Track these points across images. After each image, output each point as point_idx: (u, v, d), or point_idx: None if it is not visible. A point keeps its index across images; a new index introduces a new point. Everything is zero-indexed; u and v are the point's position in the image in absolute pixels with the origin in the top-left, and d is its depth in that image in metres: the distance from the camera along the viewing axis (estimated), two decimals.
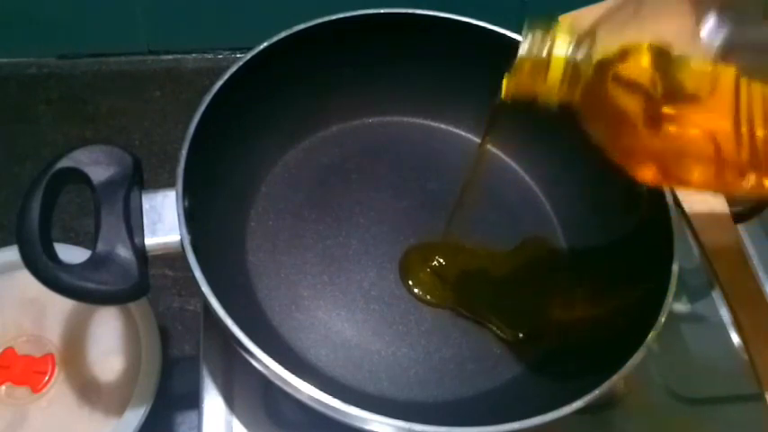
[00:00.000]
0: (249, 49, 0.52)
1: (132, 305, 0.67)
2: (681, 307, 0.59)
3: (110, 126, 0.92)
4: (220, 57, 0.98)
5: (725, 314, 0.59)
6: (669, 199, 0.50)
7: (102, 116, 0.93)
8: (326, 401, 0.39)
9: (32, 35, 0.94)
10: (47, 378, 0.64)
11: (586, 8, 0.59)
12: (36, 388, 0.64)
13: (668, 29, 0.34)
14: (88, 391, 0.65)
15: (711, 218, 0.51)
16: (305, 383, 0.39)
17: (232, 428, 0.50)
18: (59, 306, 0.68)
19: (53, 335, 0.67)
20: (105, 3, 0.90)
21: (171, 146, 0.90)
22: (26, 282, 0.69)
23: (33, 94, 0.94)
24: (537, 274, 0.56)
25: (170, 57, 0.99)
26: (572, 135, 0.54)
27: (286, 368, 0.40)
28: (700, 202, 0.51)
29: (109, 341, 0.67)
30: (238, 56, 0.51)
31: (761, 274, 0.62)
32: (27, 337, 0.67)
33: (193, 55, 0.99)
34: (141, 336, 0.67)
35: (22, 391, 0.64)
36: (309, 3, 0.61)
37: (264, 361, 0.40)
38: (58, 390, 0.64)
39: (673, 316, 0.44)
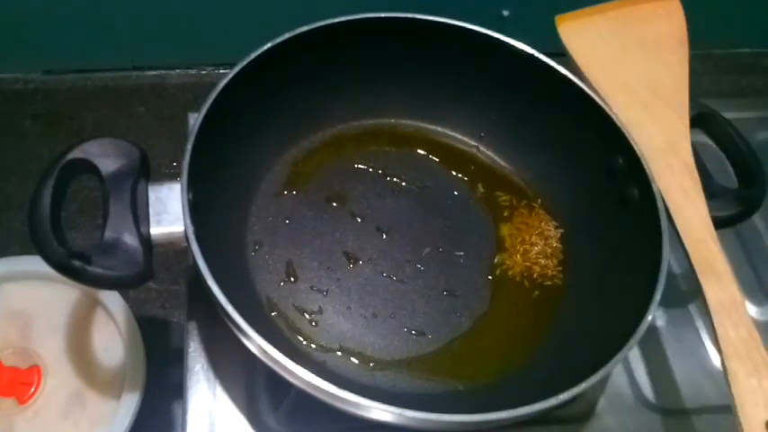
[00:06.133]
0: (232, 64, 0.53)
1: (117, 318, 0.68)
2: (657, 320, 0.60)
3: None
4: (203, 72, 0.98)
5: (701, 326, 0.60)
6: (662, 215, 0.50)
7: (87, 131, 0.94)
8: (326, 388, 0.40)
9: (18, 51, 0.95)
10: (33, 389, 0.65)
11: (583, 9, 0.60)
12: (22, 399, 0.64)
13: None
14: (73, 402, 0.65)
15: (693, 225, 0.50)
16: (306, 371, 0.40)
17: None
18: (45, 318, 0.69)
19: (39, 347, 0.68)
20: (90, 19, 0.91)
21: (155, 161, 0.90)
22: (12, 294, 0.69)
23: (19, 110, 0.95)
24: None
25: (154, 72, 1.00)
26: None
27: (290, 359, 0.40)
28: (682, 215, 0.51)
29: (94, 353, 0.68)
30: (222, 71, 0.52)
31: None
32: (13, 348, 0.67)
33: (177, 71, 0.99)
34: (125, 348, 0.67)
35: (8, 403, 0.64)
36: (291, 17, 0.62)
37: (269, 351, 0.40)
38: (43, 401, 0.65)
39: (649, 329, 0.45)
